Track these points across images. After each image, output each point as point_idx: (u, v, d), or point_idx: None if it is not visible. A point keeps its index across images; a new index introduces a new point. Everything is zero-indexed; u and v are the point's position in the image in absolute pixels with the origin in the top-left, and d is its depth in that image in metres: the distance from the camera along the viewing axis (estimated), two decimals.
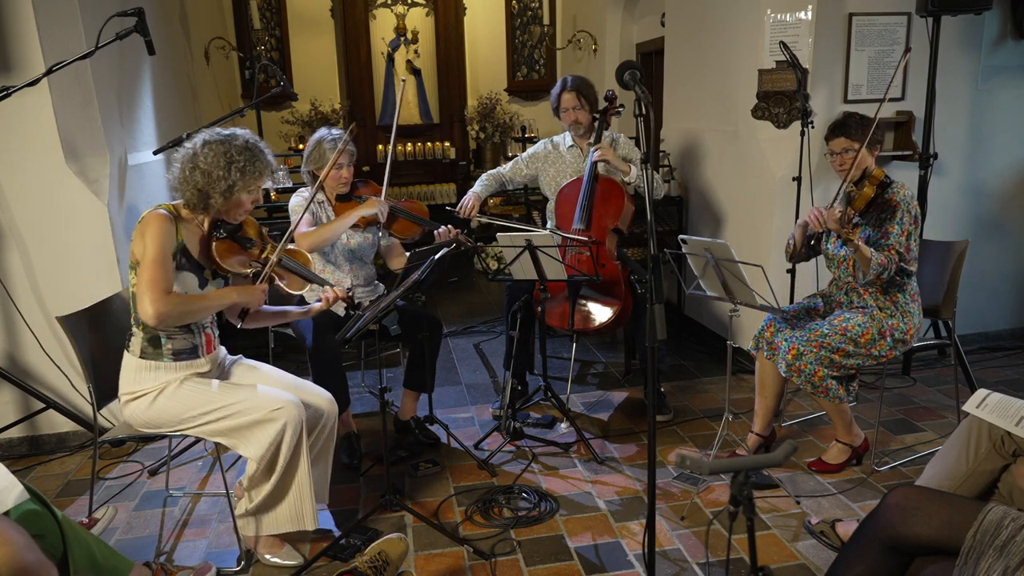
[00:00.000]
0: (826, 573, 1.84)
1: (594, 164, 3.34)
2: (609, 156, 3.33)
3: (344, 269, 3.11)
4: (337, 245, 3.08)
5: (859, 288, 2.81)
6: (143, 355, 2.27)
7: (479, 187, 3.60)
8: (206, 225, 2.32)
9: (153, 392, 2.26)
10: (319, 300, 2.51)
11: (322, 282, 2.55)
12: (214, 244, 2.29)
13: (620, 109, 3.46)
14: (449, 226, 3.09)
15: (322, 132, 3.06)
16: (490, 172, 3.69)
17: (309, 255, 2.58)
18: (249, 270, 2.36)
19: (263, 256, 2.40)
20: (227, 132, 2.28)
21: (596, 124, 3.45)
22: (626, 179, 3.38)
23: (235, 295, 2.32)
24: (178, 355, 2.29)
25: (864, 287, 2.79)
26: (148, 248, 2.13)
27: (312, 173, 3.05)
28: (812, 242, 2.94)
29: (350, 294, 2.54)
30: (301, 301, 2.74)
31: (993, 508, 1.58)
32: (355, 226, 3.05)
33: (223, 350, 2.50)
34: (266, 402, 2.22)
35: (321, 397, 2.46)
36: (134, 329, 2.29)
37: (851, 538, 1.78)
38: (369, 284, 3.22)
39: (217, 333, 2.45)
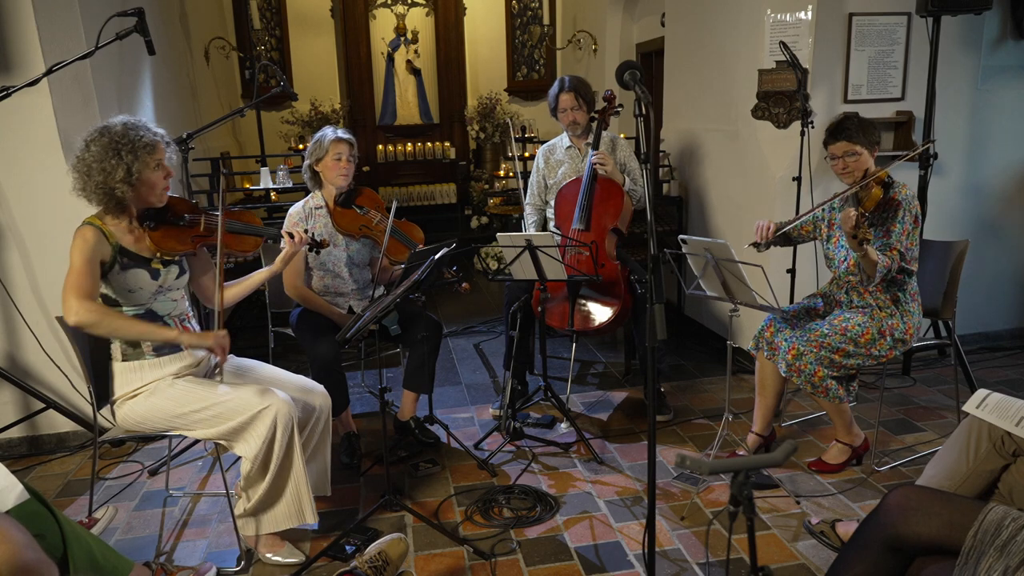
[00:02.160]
0: (826, 573, 1.84)
1: (593, 165, 3.35)
2: (608, 166, 3.33)
3: (344, 275, 3.12)
4: (335, 253, 3.09)
5: (859, 287, 2.81)
6: (125, 358, 2.28)
7: (532, 225, 3.75)
8: (134, 221, 2.31)
9: (145, 391, 2.27)
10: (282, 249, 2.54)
11: (275, 234, 2.53)
12: (148, 236, 2.28)
13: (619, 109, 3.46)
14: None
15: (326, 129, 3.09)
16: (527, 207, 3.78)
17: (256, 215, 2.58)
18: (193, 245, 2.35)
19: (203, 228, 2.37)
20: (101, 125, 2.24)
21: (594, 124, 3.46)
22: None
23: (180, 338, 2.22)
24: (159, 350, 2.30)
25: (866, 287, 2.79)
26: (72, 260, 2.14)
27: (313, 168, 3.07)
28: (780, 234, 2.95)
29: (309, 235, 2.57)
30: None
31: (994, 508, 1.58)
32: (351, 236, 3.09)
33: None
34: (255, 400, 2.22)
35: (313, 391, 2.46)
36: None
37: (851, 538, 1.78)
38: (367, 287, 3.22)
39: (198, 328, 2.45)
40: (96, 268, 2.18)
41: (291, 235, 2.53)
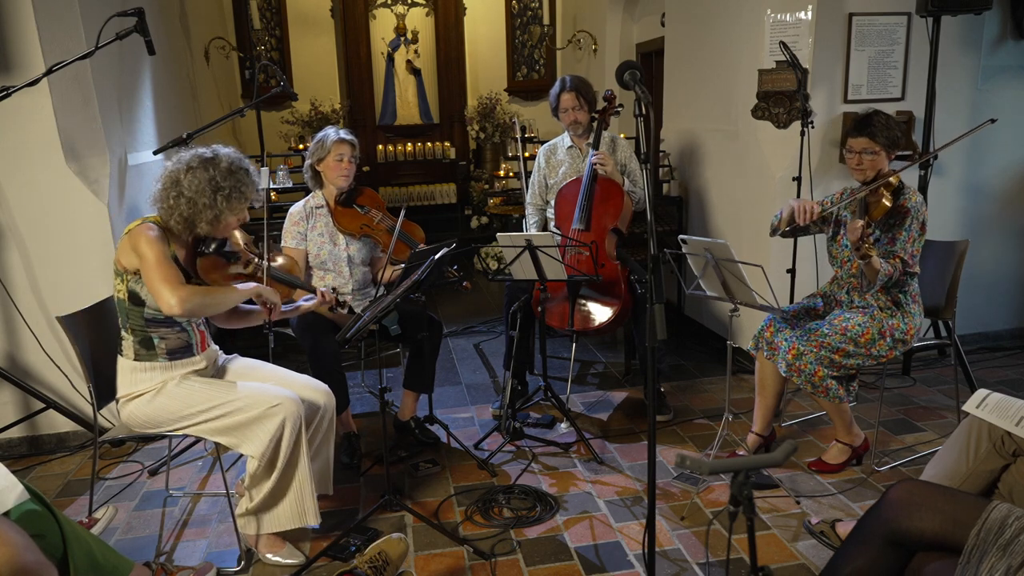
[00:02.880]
0: (826, 565, 1.83)
1: (592, 165, 3.35)
2: (608, 166, 3.33)
3: (344, 275, 3.12)
4: (336, 252, 3.09)
5: (860, 290, 2.81)
6: (137, 357, 2.27)
7: (533, 225, 3.77)
8: (191, 240, 2.33)
9: (152, 391, 2.26)
10: (306, 299, 2.57)
11: (310, 288, 2.59)
12: (198, 260, 2.30)
13: (619, 109, 3.47)
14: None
15: (328, 129, 3.10)
16: (527, 207, 3.80)
17: (295, 260, 2.61)
18: (232, 279, 2.37)
19: (248, 270, 2.42)
20: (209, 154, 2.24)
21: (595, 124, 3.46)
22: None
23: (257, 289, 2.33)
24: (173, 354, 2.29)
25: (866, 291, 2.79)
26: (147, 254, 2.13)
27: (314, 168, 3.08)
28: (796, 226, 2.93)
29: (335, 296, 2.62)
30: None
31: (997, 506, 1.57)
32: (352, 235, 3.11)
33: (217, 348, 2.50)
34: (264, 399, 2.22)
35: (317, 390, 2.46)
36: (124, 333, 2.29)
37: (852, 531, 1.77)
38: (366, 287, 3.22)
39: (211, 330, 2.46)
40: (173, 262, 2.20)
41: (323, 294, 2.59)
